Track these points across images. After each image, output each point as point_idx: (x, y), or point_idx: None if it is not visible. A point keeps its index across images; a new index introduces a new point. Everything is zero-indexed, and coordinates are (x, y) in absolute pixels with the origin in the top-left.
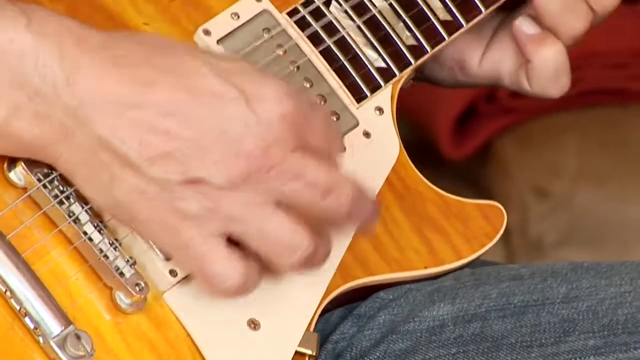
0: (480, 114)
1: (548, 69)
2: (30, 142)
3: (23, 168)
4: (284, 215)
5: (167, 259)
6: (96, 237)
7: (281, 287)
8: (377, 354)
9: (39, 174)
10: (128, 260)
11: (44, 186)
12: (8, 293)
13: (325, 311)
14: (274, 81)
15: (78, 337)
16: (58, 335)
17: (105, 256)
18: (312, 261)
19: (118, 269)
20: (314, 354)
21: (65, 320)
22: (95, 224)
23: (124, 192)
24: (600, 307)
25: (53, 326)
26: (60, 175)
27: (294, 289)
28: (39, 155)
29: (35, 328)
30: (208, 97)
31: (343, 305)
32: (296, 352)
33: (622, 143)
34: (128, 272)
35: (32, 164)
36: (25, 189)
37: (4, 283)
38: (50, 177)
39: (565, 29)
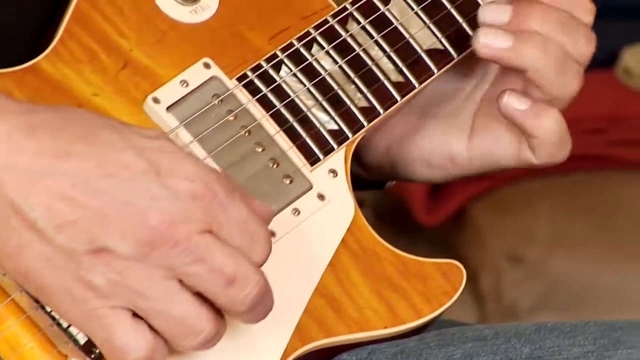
0: (454, 180)
1: (554, 138)
2: None
3: None
4: (189, 297)
5: None
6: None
7: (236, 351)
8: None
9: None
10: None
11: None
12: None
13: None
14: (193, 161)
15: None
16: None
17: (58, 324)
18: (212, 342)
19: (71, 335)
20: None
21: None
22: None
23: (31, 260)
24: None
25: None
26: None
27: (249, 353)
28: None
29: None
30: (119, 168)
31: None
32: None
33: (594, 209)
34: (82, 338)
35: None
36: None
37: None
38: None
39: (563, 91)
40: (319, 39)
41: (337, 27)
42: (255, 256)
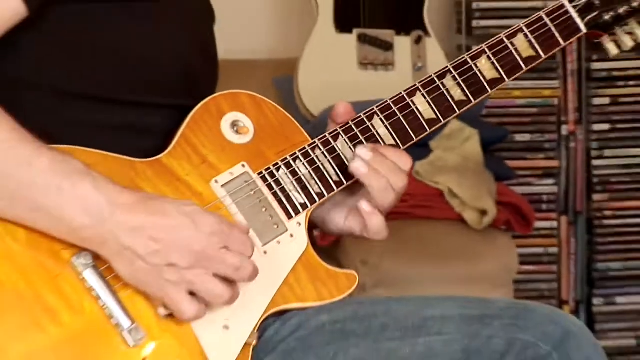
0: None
1: (376, 228)
2: (87, 243)
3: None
4: (217, 281)
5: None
6: None
7: (243, 303)
8: (291, 339)
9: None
10: None
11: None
12: (101, 302)
13: (267, 319)
14: (211, 215)
15: (137, 329)
16: (128, 327)
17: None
18: (232, 300)
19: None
20: (255, 343)
21: (131, 320)
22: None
23: (137, 270)
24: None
25: (124, 322)
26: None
27: (249, 305)
28: (93, 249)
29: (116, 324)
30: (175, 222)
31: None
32: (245, 343)
33: (409, 237)
34: (164, 311)
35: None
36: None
37: (101, 299)
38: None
39: (382, 203)
40: (300, 156)
41: (309, 150)
42: (247, 253)
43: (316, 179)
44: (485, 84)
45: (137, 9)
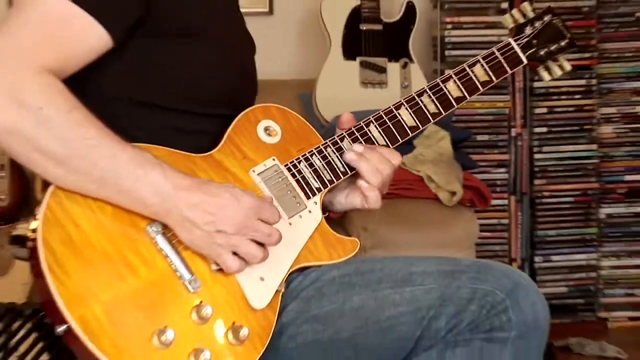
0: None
1: (373, 199)
2: (157, 216)
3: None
4: (253, 244)
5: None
6: None
7: (272, 261)
8: (310, 288)
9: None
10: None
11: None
12: (169, 260)
13: (292, 273)
14: (249, 194)
15: (195, 280)
16: (189, 278)
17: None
18: (264, 259)
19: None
20: (283, 291)
21: (191, 273)
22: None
23: (195, 237)
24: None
25: (186, 274)
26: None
27: (277, 262)
28: (162, 221)
29: (180, 276)
30: (223, 200)
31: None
32: (276, 291)
33: (398, 212)
34: (216, 267)
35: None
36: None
37: (169, 257)
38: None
39: (373, 183)
40: (315, 152)
41: (322, 149)
42: (275, 220)
43: (328, 169)
44: (452, 100)
45: (195, 43)
